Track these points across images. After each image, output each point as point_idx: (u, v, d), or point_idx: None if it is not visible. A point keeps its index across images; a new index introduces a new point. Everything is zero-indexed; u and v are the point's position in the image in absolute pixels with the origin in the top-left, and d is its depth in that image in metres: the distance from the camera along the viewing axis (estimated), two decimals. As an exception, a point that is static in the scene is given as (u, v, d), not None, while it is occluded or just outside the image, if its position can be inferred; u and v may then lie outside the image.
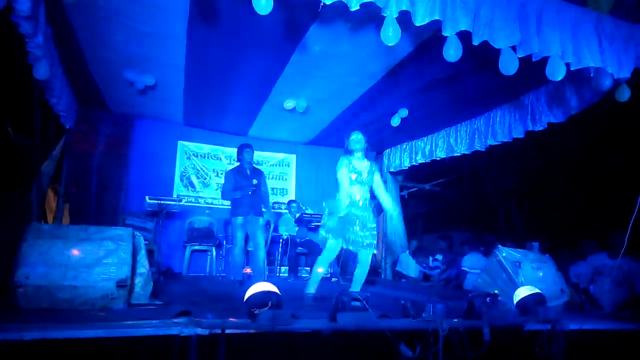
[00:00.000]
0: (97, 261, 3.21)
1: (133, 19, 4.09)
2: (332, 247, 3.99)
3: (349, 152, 4.17)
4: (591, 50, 3.55)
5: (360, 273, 4.08)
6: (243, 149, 5.31)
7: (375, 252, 4.08)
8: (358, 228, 3.97)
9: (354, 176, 4.04)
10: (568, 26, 3.52)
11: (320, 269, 4.05)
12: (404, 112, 6.05)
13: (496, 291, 4.15)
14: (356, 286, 4.04)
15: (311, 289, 4.01)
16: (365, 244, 3.97)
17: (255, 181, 5.09)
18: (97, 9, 3.93)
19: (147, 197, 5.94)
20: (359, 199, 4.05)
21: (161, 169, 7.17)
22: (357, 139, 4.16)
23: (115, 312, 3.05)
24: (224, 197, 5.47)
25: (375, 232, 4.09)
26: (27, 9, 3.22)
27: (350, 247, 3.98)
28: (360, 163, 4.14)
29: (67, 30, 4.23)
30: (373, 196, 4.33)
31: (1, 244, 3.63)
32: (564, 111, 4.82)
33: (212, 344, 2.47)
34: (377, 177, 4.25)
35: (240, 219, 5.11)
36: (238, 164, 5.42)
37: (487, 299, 3.49)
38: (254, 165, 5.57)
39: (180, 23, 4.12)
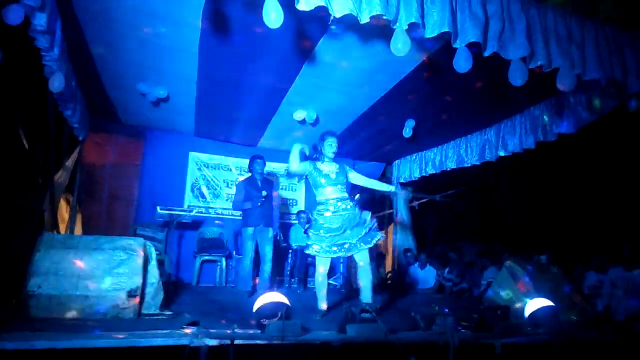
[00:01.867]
0: (108, 271, 3.25)
1: (146, 32, 4.16)
2: (320, 263, 3.99)
3: (317, 156, 4.13)
4: (602, 62, 3.55)
5: (364, 278, 3.95)
6: (254, 160, 5.35)
7: (370, 246, 3.95)
8: (335, 239, 3.92)
9: (322, 180, 4.01)
10: (578, 38, 3.53)
11: (322, 292, 4.04)
12: (411, 124, 6.05)
13: (507, 303, 4.11)
14: (366, 295, 3.91)
15: (322, 305, 4.00)
16: (350, 246, 3.90)
17: (264, 192, 5.11)
18: (111, 22, 4.00)
19: (158, 208, 5.98)
20: (334, 200, 3.98)
21: (172, 179, 7.21)
22: (332, 143, 4.09)
23: (126, 321, 3.07)
24: (234, 208, 5.52)
25: (364, 226, 3.96)
26: (44, 24, 3.30)
27: (342, 254, 3.95)
28: (328, 166, 4.08)
29: (81, 43, 4.31)
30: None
31: (14, 253, 3.67)
32: (575, 122, 4.80)
33: (222, 354, 2.47)
34: (352, 174, 4.20)
35: (250, 230, 5.13)
36: (249, 174, 5.46)
37: (498, 312, 3.46)
38: (265, 176, 5.58)
39: (193, 36, 4.17)
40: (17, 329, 2.56)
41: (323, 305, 4.00)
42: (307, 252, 4.11)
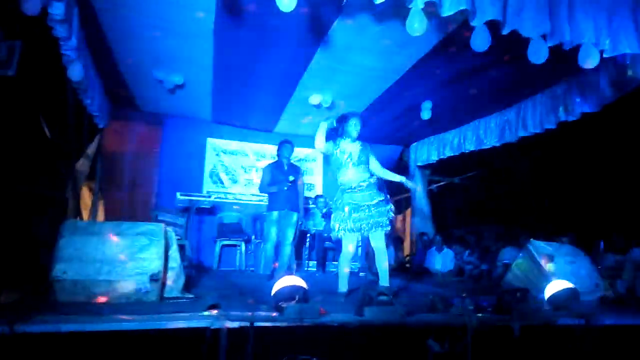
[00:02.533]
0: (130, 256, 3.31)
1: (162, 19, 4.17)
2: (347, 242, 3.94)
3: (339, 134, 4.05)
4: (627, 36, 3.43)
5: (381, 261, 3.92)
6: (282, 145, 5.39)
7: (388, 229, 3.91)
8: (358, 214, 3.86)
9: (347, 159, 3.97)
10: (603, 12, 3.41)
11: (346, 269, 3.99)
12: (428, 105, 5.97)
13: (528, 285, 4.08)
14: (384, 279, 3.89)
15: (343, 287, 3.97)
16: (371, 224, 3.84)
17: (291, 177, 5.14)
18: (127, 11, 4.02)
19: (177, 194, 6.07)
20: (355, 181, 3.93)
21: (191, 165, 7.30)
22: (356, 123, 4.02)
23: (149, 305, 3.13)
24: (261, 191, 5.59)
25: (384, 208, 3.90)
26: (62, 13, 3.34)
27: (363, 233, 3.92)
28: (350, 145, 4.03)
29: (98, 32, 4.35)
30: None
31: (39, 240, 3.78)
32: (598, 100, 4.68)
33: (242, 336, 2.52)
34: (372, 158, 4.12)
35: (275, 214, 5.19)
36: (276, 159, 5.51)
37: (518, 294, 3.43)
38: (293, 161, 5.60)
39: (208, 21, 4.17)
40: (44, 313, 2.64)
41: (344, 287, 3.97)
42: (333, 235, 4.06)
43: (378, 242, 3.92)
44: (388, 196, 4.03)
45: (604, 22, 3.39)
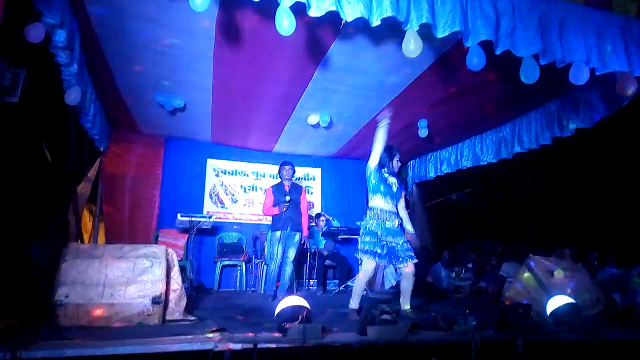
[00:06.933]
0: (132, 279, 3.32)
1: (162, 44, 4.24)
2: (367, 266, 3.90)
3: (383, 164, 4.11)
4: (617, 55, 3.52)
5: (407, 285, 3.97)
6: (282, 167, 5.48)
7: (416, 261, 3.94)
8: (392, 241, 3.91)
9: (382, 187, 4.01)
10: (592, 31, 3.51)
11: (359, 291, 3.98)
12: (423, 124, 6.05)
13: (530, 302, 4.08)
14: (405, 301, 3.95)
15: (354, 304, 3.96)
16: (404, 256, 3.89)
17: (287, 197, 5.18)
18: (128, 36, 4.09)
19: (178, 215, 6.09)
20: (387, 212, 3.98)
21: (191, 186, 7.34)
22: (399, 158, 4.16)
23: (151, 328, 3.13)
24: (264, 213, 5.65)
25: (408, 244, 3.97)
26: (64, 40, 3.42)
27: (388, 262, 3.93)
28: (390, 177, 4.12)
29: (99, 57, 4.42)
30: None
31: (41, 264, 3.78)
32: (591, 116, 4.76)
33: (245, 358, 2.52)
34: (402, 194, 4.20)
35: (278, 234, 5.23)
36: (279, 180, 5.61)
37: (520, 310, 3.44)
38: (295, 181, 5.66)
39: (207, 45, 4.24)
40: (47, 338, 2.64)
41: (354, 304, 3.95)
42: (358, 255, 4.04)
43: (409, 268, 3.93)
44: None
45: (594, 41, 3.48)
